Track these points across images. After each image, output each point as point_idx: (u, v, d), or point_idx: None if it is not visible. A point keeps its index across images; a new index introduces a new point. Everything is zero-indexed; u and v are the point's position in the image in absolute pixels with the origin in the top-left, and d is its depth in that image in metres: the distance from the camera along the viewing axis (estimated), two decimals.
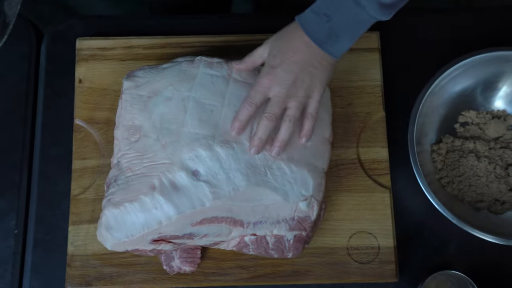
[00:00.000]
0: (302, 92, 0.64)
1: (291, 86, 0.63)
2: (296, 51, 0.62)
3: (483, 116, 0.78)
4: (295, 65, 0.63)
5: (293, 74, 0.63)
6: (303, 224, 0.66)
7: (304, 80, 0.63)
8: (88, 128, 0.75)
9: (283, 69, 0.63)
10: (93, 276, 0.70)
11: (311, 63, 0.63)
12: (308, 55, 0.62)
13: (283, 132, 0.64)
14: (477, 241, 0.70)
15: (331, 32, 0.60)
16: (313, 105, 0.65)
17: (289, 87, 0.63)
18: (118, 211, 0.63)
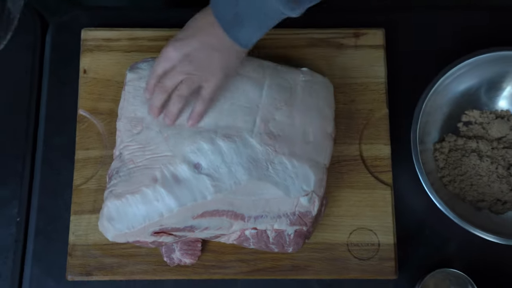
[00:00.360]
0: (197, 71, 0.63)
1: (187, 62, 0.62)
2: (201, 29, 0.62)
3: (487, 115, 0.78)
4: (196, 43, 0.62)
5: (192, 50, 0.62)
6: (304, 219, 0.66)
7: (201, 59, 0.62)
8: (91, 118, 0.75)
9: (184, 44, 0.62)
10: (94, 266, 0.70)
11: (212, 44, 0.61)
12: (210, 36, 0.61)
13: (171, 105, 0.64)
14: (478, 240, 0.70)
15: (237, 17, 0.59)
16: (208, 89, 0.64)
17: (185, 63, 0.62)
18: (119, 203, 0.63)
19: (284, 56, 0.77)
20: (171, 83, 0.64)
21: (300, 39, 0.78)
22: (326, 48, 0.78)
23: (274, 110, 0.67)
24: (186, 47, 0.62)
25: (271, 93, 0.68)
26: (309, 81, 0.71)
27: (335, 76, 0.77)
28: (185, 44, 0.62)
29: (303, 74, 0.71)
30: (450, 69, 0.73)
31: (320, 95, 0.70)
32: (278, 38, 0.78)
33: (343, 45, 0.78)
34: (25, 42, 0.79)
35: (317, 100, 0.70)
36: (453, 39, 0.81)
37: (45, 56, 0.79)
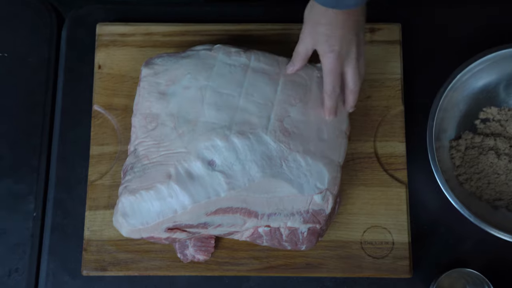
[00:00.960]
0: (355, 57, 0.66)
1: (346, 56, 0.65)
2: (336, 24, 0.63)
3: (505, 112, 0.77)
4: (342, 39, 0.64)
5: (342, 45, 0.64)
6: (317, 217, 0.66)
7: (351, 42, 0.65)
8: (106, 114, 0.75)
9: (338, 51, 0.64)
10: (108, 261, 0.71)
11: (349, 23, 0.64)
12: (343, 17, 0.63)
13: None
14: (494, 239, 0.69)
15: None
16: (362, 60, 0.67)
17: (343, 56, 0.65)
18: (134, 199, 0.64)
19: None
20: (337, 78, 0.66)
21: None
22: None
23: (289, 107, 0.66)
24: (341, 43, 0.64)
25: (286, 89, 0.67)
26: None
27: None
28: (339, 41, 0.64)
29: (318, 70, 0.70)
30: (468, 65, 0.72)
31: None
32: (293, 33, 0.77)
33: None
34: (41, 37, 0.80)
35: None
36: (470, 34, 0.79)
37: (60, 51, 0.80)
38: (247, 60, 0.68)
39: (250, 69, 0.68)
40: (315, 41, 0.64)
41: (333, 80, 0.65)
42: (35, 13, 0.80)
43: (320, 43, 0.64)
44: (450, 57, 0.76)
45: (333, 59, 0.64)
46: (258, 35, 0.78)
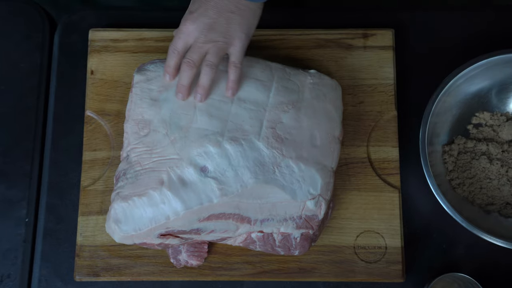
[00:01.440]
0: (220, 37, 0.63)
1: (208, 31, 0.62)
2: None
3: (498, 117, 0.77)
4: (211, 10, 0.62)
5: (209, 18, 0.62)
6: (310, 223, 0.66)
7: (221, 24, 0.62)
8: (99, 119, 0.75)
9: (200, 14, 0.62)
10: (101, 267, 0.71)
11: (228, 8, 0.62)
12: (224, 0, 0.61)
13: (202, 77, 0.64)
14: (486, 244, 0.69)
15: None
16: (236, 54, 0.64)
17: (207, 32, 0.62)
18: (126, 205, 0.64)
19: (292, 57, 0.77)
20: (197, 56, 0.63)
21: (308, 40, 0.78)
22: (334, 49, 0.77)
23: (282, 113, 0.67)
24: (203, 17, 0.62)
25: (278, 96, 0.67)
26: (317, 83, 0.70)
27: (343, 78, 0.76)
28: (202, 15, 0.62)
29: (311, 76, 0.70)
30: (461, 71, 0.72)
31: (328, 98, 0.70)
32: (286, 38, 0.78)
33: (351, 46, 0.77)
34: (33, 42, 0.80)
35: (324, 103, 0.69)
36: (463, 40, 0.80)
37: (53, 57, 0.80)
38: None
39: (243, 75, 0.68)
40: None
41: (177, 41, 0.64)
42: (28, 19, 0.80)
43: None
44: (443, 63, 0.76)
45: (186, 25, 0.63)
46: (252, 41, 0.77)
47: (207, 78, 0.64)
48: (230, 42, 0.63)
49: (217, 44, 0.63)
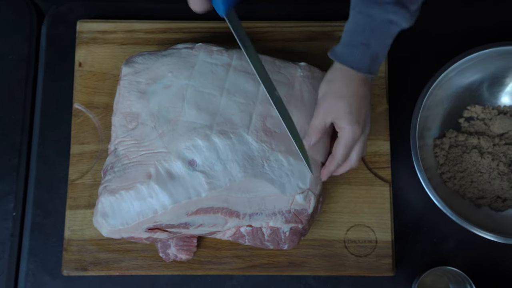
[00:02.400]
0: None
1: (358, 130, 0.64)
2: (359, 96, 0.62)
3: (489, 111, 0.77)
4: (364, 107, 0.64)
5: (364, 116, 0.64)
6: (300, 217, 0.66)
7: (368, 117, 0.65)
8: (87, 112, 0.74)
9: (359, 117, 0.63)
10: (89, 261, 0.70)
11: (367, 95, 0.64)
12: (362, 89, 0.63)
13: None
14: (477, 237, 0.69)
15: (373, 57, 0.61)
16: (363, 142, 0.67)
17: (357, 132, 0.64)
18: (114, 199, 0.63)
19: (283, 50, 0.76)
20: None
21: (300, 32, 0.77)
22: (325, 42, 0.76)
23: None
24: (361, 117, 0.63)
25: None
26: (307, 76, 0.69)
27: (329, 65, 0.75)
28: (360, 116, 0.63)
29: (301, 69, 0.70)
30: (452, 64, 0.72)
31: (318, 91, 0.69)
32: (277, 31, 0.77)
33: None
34: (21, 34, 0.78)
35: (315, 96, 0.69)
36: (455, 33, 0.79)
37: (40, 49, 0.78)
38: (229, 59, 0.68)
39: (232, 68, 0.67)
40: (336, 115, 0.62)
41: (348, 151, 0.64)
42: (15, 10, 0.79)
43: (342, 117, 0.62)
44: (435, 56, 0.76)
45: (357, 131, 0.62)
46: None
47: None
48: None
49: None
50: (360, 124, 0.63)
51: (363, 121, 0.63)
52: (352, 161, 0.65)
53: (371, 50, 0.60)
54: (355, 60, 0.61)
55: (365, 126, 0.64)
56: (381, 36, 0.60)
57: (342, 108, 0.62)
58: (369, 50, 0.60)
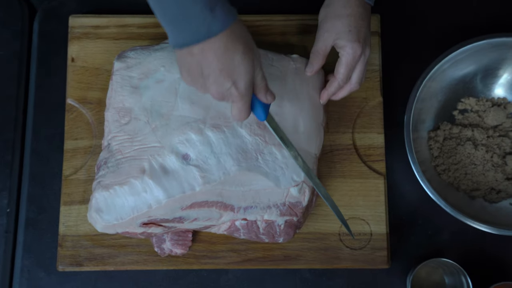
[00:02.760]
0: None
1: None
2: (357, 16, 0.62)
3: (483, 103, 0.77)
4: (364, 28, 0.64)
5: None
6: (294, 210, 0.66)
7: (368, 37, 0.65)
8: (80, 108, 0.74)
9: (359, 36, 0.63)
10: (84, 257, 0.70)
11: (366, 18, 0.64)
12: (363, 10, 0.63)
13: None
14: (471, 229, 0.69)
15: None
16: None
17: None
18: (108, 194, 0.63)
19: (277, 43, 0.76)
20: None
21: (293, 26, 0.77)
22: None
23: None
24: (361, 36, 0.64)
25: None
26: (299, 68, 0.69)
27: (328, 63, 0.75)
28: (360, 34, 0.64)
29: (294, 61, 0.69)
30: (446, 56, 0.72)
31: (311, 84, 0.69)
32: (270, 24, 0.77)
33: None
34: (13, 29, 0.78)
35: (307, 88, 0.69)
36: (449, 26, 0.79)
37: (32, 44, 0.78)
38: None
39: None
40: (337, 36, 0.62)
41: (350, 70, 0.64)
42: (7, 5, 0.78)
43: (343, 36, 0.62)
44: (429, 48, 0.76)
45: (358, 49, 0.62)
46: None
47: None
48: None
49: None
50: (360, 42, 0.62)
51: (363, 40, 0.62)
52: (352, 83, 0.65)
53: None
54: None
55: (365, 46, 0.63)
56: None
57: (341, 28, 0.62)
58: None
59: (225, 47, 0.51)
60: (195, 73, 0.53)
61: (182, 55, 0.53)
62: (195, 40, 0.50)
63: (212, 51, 0.51)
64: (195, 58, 0.52)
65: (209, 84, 0.54)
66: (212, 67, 0.52)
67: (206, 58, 0.52)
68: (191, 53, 0.52)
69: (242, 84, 0.54)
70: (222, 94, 0.55)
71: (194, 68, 0.53)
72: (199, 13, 0.49)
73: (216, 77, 0.53)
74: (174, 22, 0.50)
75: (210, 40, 0.50)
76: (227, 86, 0.53)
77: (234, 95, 0.55)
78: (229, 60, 0.52)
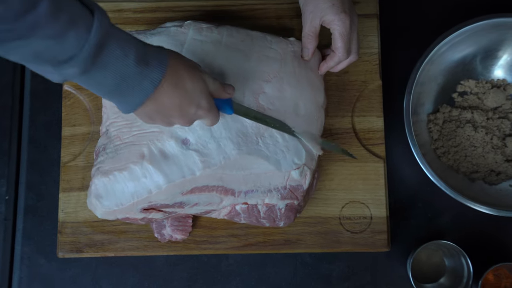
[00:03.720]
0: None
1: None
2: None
3: (483, 85, 0.77)
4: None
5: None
6: (295, 193, 0.66)
7: (353, 9, 0.66)
8: (77, 94, 0.73)
9: (343, 8, 0.63)
10: (84, 243, 0.70)
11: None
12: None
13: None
14: (471, 211, 0.69)
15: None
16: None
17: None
18: (107, 180, 0.63)
19: (274, 27, 0.75)
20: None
21: (290, 9, 0.76)
22: None
23: (264, 83, 0.65)
24: (345, 6, 0.65)
25: (260, 65, 0.66)
26: (297, 51, 0.69)
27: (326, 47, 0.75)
28: (344, 5, 0.65)
29: (292, 44, 0.69)
30: (445, 38, 0.71)
31: (309, 65, 0.69)
32: (267, 8, 0.76)
33: None
34: None
35: (306, 70, 0.68)
36: (448, 7, 0.79)
37: None
38: (219, 36, 0.67)
39: (223, 45, 0.66)
40: (322, 13, 0.63)
41: (347, 42, 0.65)
42: None
43: (327, 12, 0.63)
44: (428, 30, 0.75)
45: (346, 19, 0.63)
46: (232, 11, 0.76)
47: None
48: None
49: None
50: (346, 12, 0.63)
51: (348, 10, 0.64)
52: (352, 54, 0.66)
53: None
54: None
55: (352, 15, 0.64)
56: None
57: (324, 4, 0.63)
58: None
59: (173, 85, 0.52)
60: (158, 119, 0.55)
61: (139, 113, 0.54)
62: (144, 97, 0.51)
63: (164, 95, 0.52)
64: (151, 108, 0.53)
65: (175, 120, 0.55)
66: (171, 107, 0.53)
67: (161, 104, 0.53)
68: (146, 108, 0.53)
69: (204, 102, 0.55)
70: (190, 120, 0.56)
71: (154, 116, 0.54)
72: (138, 74, 0.50)
73: (179, 112, 0.54)
74: (119, 94, 0.51)
75: (157, 88, 0.51)
76: (192, 111, 0.55)
77: (201, 114, 0.56)
78: (182, 92, 0.53)
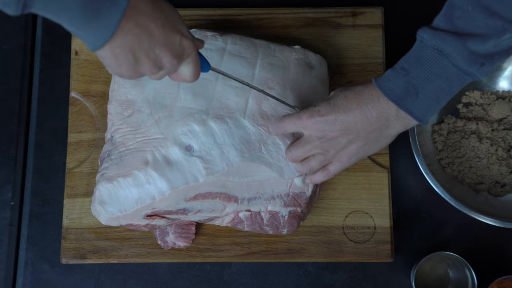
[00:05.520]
0: (333, 151, 0.59)
1: (324, 142, 0.58)
2: (361, 104, 0.55)
3: (488, 96, 0.77)
4: (343, 124, 0.57)
5: (335, 132, 0.57)
6: (298, 201, 0.66)
7: (341, 142, 0.58)
8: (84, 101, 0.74)
9: (326, 121, 0.57)
10: (88, 249, 0.70)
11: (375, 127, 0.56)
12: (375, 113, 0.54)
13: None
14: (475, 223, 0.69)
15: (409, 88, 0.52)
16: (337, 168, 0.61)
17: (323, 142, 0.58)
18: (111, 186, 0.63)
19: (280, 36, 0.76)
20: (302, 154, 0.61)
21: (296, 19, 0.77)
22: (323, 28, 0.76)
23: (267, 90, 0.66)
24: (333, 130, 0.57)
25: (263, 72, 0.67)
26: (301, 58, 0.69)
27: (332, 57, 0.75)
28: (331, 123, 0.57)
29: (296, 52, 0.69)
30: None
31: (313, 73, 0.69)
32: (274, 17, 0.77)
33: (340, 24, 0.76)
34: (16, 23, 0.78)
35: (310, 78, 0.68)
36: None
37: (36, 37, 0.78)
38: (223, 43, 0.67)
39: (227, 53, 0.67)
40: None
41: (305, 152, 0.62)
42: None
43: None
44: None
45: (307, 118, 0.59)
46: (239, 20, 0.77)
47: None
48: (338, 158, 0.61)
49: (325, 156, 0.61)
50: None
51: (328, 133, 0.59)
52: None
53: (407, 78, 0.51)
54: (386, 83, 0.52)
55: (330, 148, 0.61)
56: (426, 66, 0.50)
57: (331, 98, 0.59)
58: (406, 78, 0.52)
59: (152, 3, 0.43)
60: (142, 53, 0.44)
61: (112, 48, 0.43)
62: (117, 20, 0.41)
63: (144, 14, 0.42)
64: (129, 38, 0.43)
65: (162, 50, 0.45)
66: (154, 31, 0.44)
67: (143, 26, 0.43)
68: (127, 35, 0.42)
69: (185, 30, 0.47)
70: (178, 54, 0.46)
71: (137, 47, 0.44)
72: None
73: (164, 38, 0.45)
74: (88, 15, 0.41)
75: (131, 4, 0.41)
76: (178, 40, 0.46)
77: (187, 45, 0.47)
78: (163, 15, 0.44)
